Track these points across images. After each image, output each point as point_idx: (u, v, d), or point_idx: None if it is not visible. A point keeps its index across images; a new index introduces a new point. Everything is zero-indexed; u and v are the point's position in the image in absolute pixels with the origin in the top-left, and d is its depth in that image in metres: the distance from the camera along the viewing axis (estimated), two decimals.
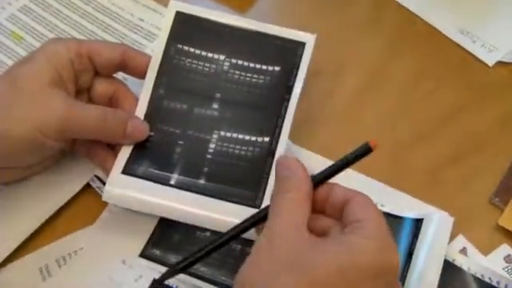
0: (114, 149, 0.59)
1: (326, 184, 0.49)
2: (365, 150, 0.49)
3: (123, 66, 0.59)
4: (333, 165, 0.50)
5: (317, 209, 0.49)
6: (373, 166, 0.61)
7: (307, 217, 0.47)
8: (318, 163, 0.60)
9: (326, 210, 0.49)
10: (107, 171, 0.57)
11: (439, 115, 0.65)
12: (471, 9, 0.74)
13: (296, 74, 0.59)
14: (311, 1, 0.75)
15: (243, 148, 0.58)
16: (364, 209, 0.47)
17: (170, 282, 0.55)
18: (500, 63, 0.69)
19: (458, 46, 0.71)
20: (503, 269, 0.56)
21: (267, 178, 0.57)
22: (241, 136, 0.58)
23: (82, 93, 0.59)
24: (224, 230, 0.55)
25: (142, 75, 0.60)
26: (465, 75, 0.69)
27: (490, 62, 0.69)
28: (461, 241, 0.57)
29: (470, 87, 0.68)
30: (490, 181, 0.61)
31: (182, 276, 0.55)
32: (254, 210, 0.55)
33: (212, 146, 0.58)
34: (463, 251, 0.57)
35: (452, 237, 0.57)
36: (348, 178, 0.60)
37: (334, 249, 0.44)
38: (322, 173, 0.50)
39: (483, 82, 0.68)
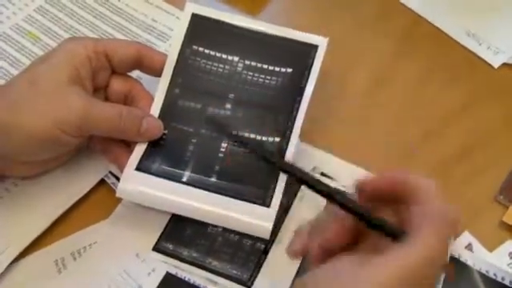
0: (128, 146, 0.60)
1: None
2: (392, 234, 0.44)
3: (139, 64, 0.60)
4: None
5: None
6: (381, 164, 0.62)
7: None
8: (328, 162, 0.62)
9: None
10: (122, 168, 0.58)
11: (445, 115, 0.66)
12: (477, 11, 0.74)
13: (308, 76, 0.60)
14: (319, 4, 0.76)
15: None
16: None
17: (182, 274, 0.56)
18: (505, 65, 0.70)
19: (464, 47, 0.71)
20: (508, 265, 0.57)
21: (277, 178, 0.58)
22: (252, 136, 0.59)
23: (99, 91, 0.60)
24: (233, 227, 0.57)
25: (156, 73, 0.61)
26: (470, 77, 0.70)
27: (496, 64, 0.70)
28: (466, 237, 0.58)
29: (475, 88, 0.69)
30: (494, 179, 0.62)
31: (194, 269, 0.56)
32: (263, 209, 0.56)
33: (224, 145, 0.59)
34: (469, 247, 0.57)
35: (458, 233, 0.58)
36: (357, 176, 0.61)
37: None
38: None
39: (488, 84, 0.69)
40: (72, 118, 0.55)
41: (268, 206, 0.57)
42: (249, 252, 0.57)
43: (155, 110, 0.60)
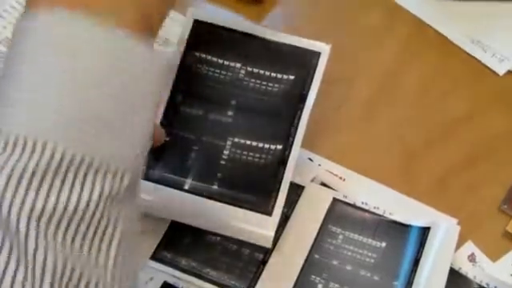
0: None
1: None
2: None
3: None
4: None
5: None
6: (384, 172, 0.62)
7: None
8: (330, 169, 0.62)
9: None
10: None
11: (449, 123, 0.66)
12: (482, 18, 0.74)
13: (310, 83, 0.60)
14: (325, 10, 0.76)
15: (256, 155, 0.58)
16: None
17: (180, 284, 0.56)
18: (510, 73, 0.70)
19: (469, 55, 0.71)
20: (511, 275, 0.56)
21: (279, 186, 0.57)
22: (254, 143, 0.59)
23: None
24: (235, 235, 0.57)
25: None
26: (475, 84, 0.69)
27: (501, 72, 0.70)
28: (470, 247, 0.58)
29: (480, 96, 0.68)
30: (498, 188, 0.62)
31: (192, 279, 0.56)
32: (265, 217, 0.56)
33: (226, 152, 0.59)
34: (472, 257, 0.57)
35: (461, 243, 0.57)
36: (359, 184, 0.61)
37: None
38: None
39: (493, 91, 0.69)
40: None
41: (270, 214, 0.56)
42: (247, 262, 0.57)
43: (157, 116, 0.60)
